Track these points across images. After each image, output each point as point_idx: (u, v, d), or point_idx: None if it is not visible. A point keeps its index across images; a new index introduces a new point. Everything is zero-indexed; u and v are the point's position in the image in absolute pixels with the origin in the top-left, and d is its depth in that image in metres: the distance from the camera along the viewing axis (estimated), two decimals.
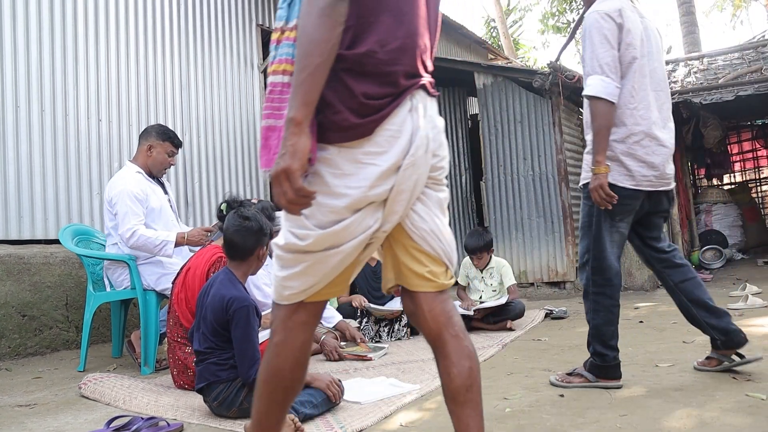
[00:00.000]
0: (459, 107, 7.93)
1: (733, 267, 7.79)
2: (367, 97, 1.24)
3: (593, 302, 2.52)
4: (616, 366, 2.49)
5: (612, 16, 2.44)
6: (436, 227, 1.37)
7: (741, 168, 11.42)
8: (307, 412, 2.24)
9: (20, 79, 4.31)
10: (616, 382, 2.48)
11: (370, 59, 1.23)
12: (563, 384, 2.54)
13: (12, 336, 3.77)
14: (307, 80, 1.18)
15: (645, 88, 2.49)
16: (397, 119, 1.26)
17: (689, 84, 7.31)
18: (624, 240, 2.57)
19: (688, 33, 14.20)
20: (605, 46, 2.41)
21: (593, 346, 2.52)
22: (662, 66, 2.61)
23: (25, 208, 4.26)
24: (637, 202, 2.50)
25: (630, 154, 2.45)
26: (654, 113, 2.50)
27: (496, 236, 6.73)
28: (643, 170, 2.45)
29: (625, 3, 2.51)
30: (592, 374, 2.51)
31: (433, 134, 1.34)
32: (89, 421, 2.43)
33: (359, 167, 1.25)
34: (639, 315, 4.46)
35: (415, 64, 1.30)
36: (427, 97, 1.34)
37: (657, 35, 2.63)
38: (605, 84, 2.39)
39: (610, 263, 2.48)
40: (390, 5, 1.26)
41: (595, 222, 2.49)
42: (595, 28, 2.44)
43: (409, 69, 1.28)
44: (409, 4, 1.29)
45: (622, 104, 2.47)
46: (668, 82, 2.65)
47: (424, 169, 1.32)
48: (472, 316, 4.25)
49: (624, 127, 2.46)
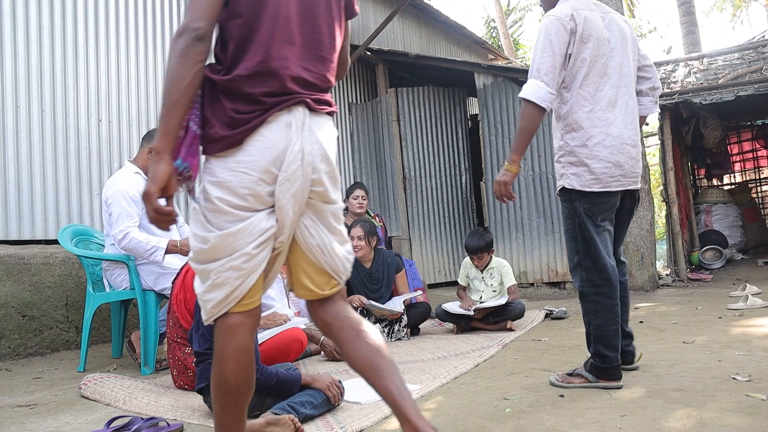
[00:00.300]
0: (459, 107, 7.94)
1: (733, 267, 7.79)
2: (237, 112, 1.40)
3: (594, 303, 2.51)
4: (617, 367, 2.48)
5: (563, 23, 2.44)
6: (322, 241, 1.49)
7: (741, 168, 11.42)
8: (307, 413, 2.23)
9: (20, 80, 4.32)
10: (617, 383, 2.47)
11: (237, 83, 1.41)
12: (563, 384, 2.54)
13: (12, 336, 3.77)
14: (167, 114, 1.34)
15: (604, 88, 2.49)
16: (269, 132, 1.40)
17: (689, 84, 7.31)
18: (611, 235, 2.58)
19: (688, 33, 14.20)
20: (547, 51, 2.43)
21: (595, 347, 2.50)
22: (629, 61, 2.57)
23: (25, 208, 4.27)
24: (614, 198, 2.51)
25: (594, 156, 2.45)
26: (615, 112, 2.49)
27: (497, 236, 6.73)
28: (610, 170, 2.45)
29: (581, 4, 2.51)
30: (593, 375, 2.49)
31: (313, 149, 1.45)
32: (89, 421, 2.43)
33: (233, 175, 1.39)
34: (639, 315, 4.46)
35: (284, 85, 1.43)
36: (310, 114, 1.46)
37: (624, 30, 2.59)
38: (537, 88, 2.41)
39: (605, 262, 2.48)
40: (260, 40, 1.43)
41: (579, 225, 2.50)
42: (543, 32, 2.47)
43: (276, 89, 1.42)
44: (278, 38, 1.44)
45: (578, 108, 2.48)
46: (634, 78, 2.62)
47: (303, 182, 1.42)
48: (472, 316, 4.26)
49: (582, 131, 2.47)
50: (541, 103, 2.40)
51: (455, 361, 3.20)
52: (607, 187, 2.47)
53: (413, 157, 7.53)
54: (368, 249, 4.24)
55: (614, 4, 6.71)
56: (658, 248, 7.27)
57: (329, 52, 1.54)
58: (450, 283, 7.38)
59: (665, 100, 7.04)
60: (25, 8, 4.38)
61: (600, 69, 2.48)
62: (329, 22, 1.54)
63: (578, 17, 2.46)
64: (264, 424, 2.03)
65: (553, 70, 2.42)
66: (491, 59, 11.84)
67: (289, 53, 1.46)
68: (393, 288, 4.36)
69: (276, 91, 1.43)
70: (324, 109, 1.51)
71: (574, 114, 2.49)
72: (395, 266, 4.37)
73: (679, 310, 4.61)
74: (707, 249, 8.15)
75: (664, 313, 4.49)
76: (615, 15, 2.61)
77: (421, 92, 7.66)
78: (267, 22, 1.44)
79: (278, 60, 1.44)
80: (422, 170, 7.56)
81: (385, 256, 4.38)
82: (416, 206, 7.46)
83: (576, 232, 2.52)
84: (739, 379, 2.44)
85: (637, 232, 6.31)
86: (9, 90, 4.25)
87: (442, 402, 2.43)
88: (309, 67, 1.49)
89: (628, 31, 2.62)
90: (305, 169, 1.42)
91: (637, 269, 6.25)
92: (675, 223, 7.08)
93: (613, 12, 2.62)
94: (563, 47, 2.44)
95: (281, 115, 1.42)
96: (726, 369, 2.62)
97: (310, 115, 1.46)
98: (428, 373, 2.92)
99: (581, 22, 2.45)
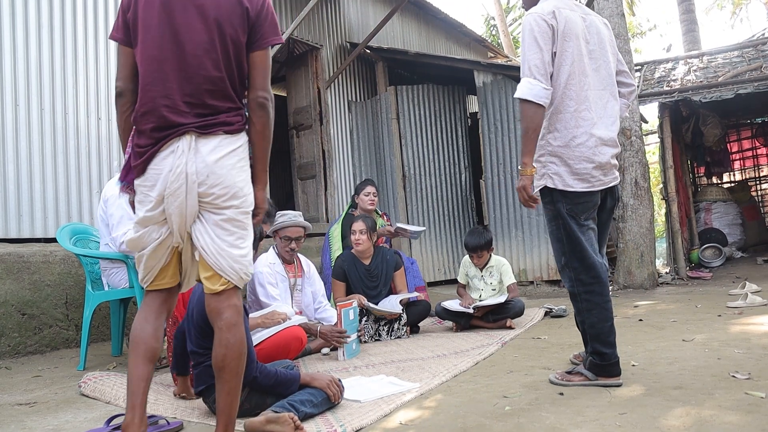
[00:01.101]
0: (459, 105, 7.93)
1: (732, 265, 7.79)
2: (139, 147, 1.80)
3: (585, 302, 2.51)
4: (615, 363, 2.49)
5: (545, 19, 2.44)
6: (209, 244, 1.78)
7: (741, 166, 11.42)
8: (307, 411, 2.24)
9: (19, 78, 4.31)
10: (616, 380, 2.48)
11: (136, 122, 1.82)
12: (563, 382, 2.54)
13: (12, 335, 3.77)
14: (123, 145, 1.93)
15: (586, 88, 2.49)
16: (159, 160, 1.77)
17: (689, 82, 7.31)
18: (596, 234, 2.59)
19: (687, 31, 14.20)
20: (534, 48, 2.42)
21: (592, 345, 2.51)
22: (609, 62, 2.58)
23: (24, 206, 4.26)
24: (595, 197, 2.53)
25: (577, 156, 2.46)
26: (596, 112, 2.50)
27: (496, 235, 6.73)
28: (592, 170, 2.47)
29: (562, 3, 2.51)
30: (592, 372, 2.50)
31: (199, 168, 1.74)
32: (89, 419, 2.44)
33: (143, 196, 1.82)
34: (638, 313, 4.46)
35: (166, 119, 1.76)
36: (198, 138, 1.76)
37: (604, 31, 2.61)
38: (531, 86, 2.40)
39: (593, 260, 2.48)
40: (144, 82, 1.80)
41: (563, 225, 2.51)
42: (527, 30, 2.46)
43: (160, 124, 1.77)
44: (156, 80, 1.78)
45: (562, 108, 2.48)
46: (615, 79, 2.63)
47: (186, 197, 1.74)
48: (472, 314, 4.26)
49: (565, 131, 2.48)
50: (539, 100, 2.39)
51: (455, 359, 3.21)
52: (592, 187, 2.48)
53: (413, 156, 7.53)
54: (369, 244, 4.24)
55: (613, 3, 6.71)
56: (657, 246, 7.27)
57: (216, 83, 1.80)
58: (450, 282, 7.38)
59: (665, 98, 7.04)
60: (25, 6, 4.37)
61: (582, 69, 2.49)
62: (215, 57, 1.80)
63: (559, 15, 2.46)
64: (264, 422, 2.05)
65: (543, 65, 2.41)
66: (491, 57, 11.82)
67: (167, 91, 1.77)
68: (391, 285, 4.36)
69: (160, 125, 1.76)
70: (216, 131, 1.77)
71: (558, 113, 2.49)
72: (394, 264, 4.37)
73: (678, 308, 4.61)
74: (707, 247, 8.15)
75: (664, 311, 4.49)
76: (595, 17, 2.62)
77: (421, 90, 7.65)
78: (144, 65, 1.79)
79: (158, 99, 1.77)
80: (422, 168, 7.56)
81: (385, 254, 4.38)
82: (416, 204, 7.46)
83: (561, 234, 2.53)
84: (738, 377, 2.45)
85: (637, 230, 6.31)
86: (8, 88, 4.24)
87: (442, 400, 2.44)
88: (193, 100, 1.78)
89: (607, 34, 2.63)
90: (190, 185, 1.73)
91: (637, 267, 6.24)
92: (674, 221, 7.08)
93: (594, 14, 2.63)
94: (549, 43, 2.44)
95: (170, 144, 1.75)
96: (725, 367, 2.62)
97: (198, 140, 1.76)
98: (428, 371, 2.93)
99: (563, 20, 2.45)
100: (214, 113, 1.79)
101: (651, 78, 7.99)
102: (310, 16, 7.12)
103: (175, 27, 1.79)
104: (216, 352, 1.80)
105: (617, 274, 6.45)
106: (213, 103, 1.80)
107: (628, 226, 6.36)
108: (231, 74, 1.83)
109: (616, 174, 2.58)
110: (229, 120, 1.81)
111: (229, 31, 1.82)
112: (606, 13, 6.74)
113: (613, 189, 2.61)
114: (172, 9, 1.79)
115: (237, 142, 1.82)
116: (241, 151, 1.82)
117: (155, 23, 1.79)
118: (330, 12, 7.69)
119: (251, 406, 2.28)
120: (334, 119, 7.52)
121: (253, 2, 1.85)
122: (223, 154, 1.78)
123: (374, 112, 7.72)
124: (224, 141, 1.79)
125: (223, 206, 1.78)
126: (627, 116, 6.47)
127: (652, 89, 7.37)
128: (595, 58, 2.54)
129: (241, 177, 1.81)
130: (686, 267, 7.08)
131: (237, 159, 1.80)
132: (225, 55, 1.82)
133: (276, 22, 1.91)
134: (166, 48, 1.79)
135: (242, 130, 1.84)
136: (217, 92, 1.81)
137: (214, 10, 1.80)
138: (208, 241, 1.78)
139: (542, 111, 2.43)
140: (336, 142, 7.52)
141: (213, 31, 1.80)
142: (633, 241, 6.30)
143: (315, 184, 7.26)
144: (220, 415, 1.81)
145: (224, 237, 1.78)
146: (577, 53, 2.47)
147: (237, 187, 1.78)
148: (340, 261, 4.29)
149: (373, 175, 7.69)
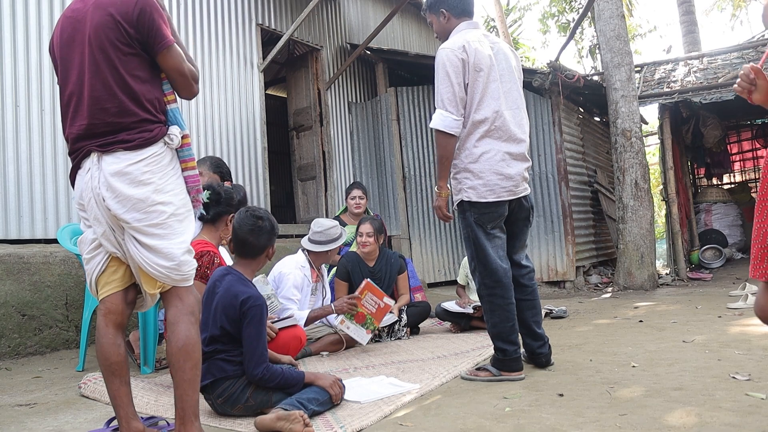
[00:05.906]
0: None
1: (732, 266, 7.80)
2: (72, 162, 2.00)
3: (488, 303, 2.74)
4: (516, 359, 2.70)
5: (456, 54, 2.70)
6: (131, 252, 1.91)
7: (741, 167, 11.43)
8: (314, 409, 2.26)
9: (20, 79, 4.31)
10: (519, 374, 2.68)
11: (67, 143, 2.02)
12: (471, 378, 2.74)
13: (12, 335, 3.77)
14: None
15: (498, 109, 2.74)
16: (78, 176, 1.97)
17: (689, 83, 7.31)
18: (504, 242, 2.81)
19: (687, 32, 14.20)
20: (445, 82, 2.69)
21: (494, 343, 2.75)
22: (516, 86, 2.85)
23: (24, 207, 4.26)
24: (502, 209, 2.77)
25: (488, 169, 2.72)
26: (506, 132, 2.75)
27: None
28: (502, 182, 2.73)
29: (471, 36, 2.76)
30: (496, 368, 2.71)
31: (99, 183, 1.88)
32: (89, 420, 2.44)
33: (77, 204, 2.02)
34: (638, 314, 4.46)
35: (74, 143, 1.94)
36: (101, 155, 1.89)
37: (510, 59, 2.87)
38: (443, 117, 2.69)
39: (496, 265, 2.71)
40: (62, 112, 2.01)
41: (473, 233, 2.76)
42: (440, 65, 2.73)
43: (73, 148, 1.96)
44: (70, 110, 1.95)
45: (473, 129, 2.73)
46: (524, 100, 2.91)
47: (98, 208, 1.89)
48: (471, 315, 4.26)
49: (476, 149, 2.73)
50: (450, 131, 2.69)
51: (455, 360, 3.21)
52: (501, 197, 2.74)
53: (413, 157, 7.53)
54: (375, 246, 4.24)
55: (613, 4, 6.72)
56: (657, 247, 7.27)
57: (115, 103, 1.90)
58: (450, 283, 7.37)
59: (665, 99, 7.05)
60: (25, 7, 4.38)
61: (493, 93, 2.74)
62: (102, 77, 1.90)
63: (469, 48, 2.70)
64: (275, 419, 2.09)
65: (454, 98, 2.69)
66: None
67: (73, 119, 1.94)
68: (394, 289, 4.36)
69: (73, 148, 1.97)
70: (116, 148, 1.88)
71: (470, 135, 2.73)
72: (398, 267, 4.36)
73: (678, 310, 4.61)
74: (707, 248, 8.16)
75: (664, 313, 4.49)
76: (503, 45, 2.89)
77: (421, 91, 7.65)
78: (63, 98, 1.99)
79: (69, 127, 1.96)
80: (422, 169, 7.56)
81: (389, 256, 4.38)
82: (416, 205, 7.46)
83: (470, 241, 2.78)
84: (738, 378, 2.45)
85: (637, 231, 6.31)
86: (9, 89, 4.24)
87: (442, 401, 2.43)
88: (95, 121, 1.90)
89: (515, 61, 2.90)
90: (97, 198, 1.89)
91: (637, 268, 6.24)
92: (675, 223, 7.08)
93: (502, 42, 2.91)
94: (460, 76, 2.69)
95: (84, 163, 1.93)
96: (725, 368, 2.62)
97: (101, 156, 1.89)
98: (428, 372, 2.92)
99: (472, 53, 2.70)
100: (115, 131, 1.90)
101: (651, 79, 8.00)
102: (311, 17, 7.12)
103: (71, 58, 1.96)
104: (168, 347, 1.95)
105: (617, 275, 6.44)
106: (113, 122, 1.90)
107: (628, 227, 6.36)
108: (126, 89, 1.91)
109: (526, 186, 2.84)
110: (129, 138, 1.89)
111: (107, 46, 1.89)
112: (606, 14, 6.75)
113: (521, 200, 2.83)
114: (70, 42, 1.96)
115: (139, 156, 1.90)
116: (143, 165, 1.89)
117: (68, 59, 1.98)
118: (330, 13, 7.70)
119: (256, 403, 2.31)
120: (334, 120, 7.53)
121: (127, 13, 1.88)
122: (118, 169, 1.88)
123: (374, 114, 7.72)
124: (123, 156, 1.89)
125: (124, 219, 1.88)
126: (627, 117, 6.48)
127: (652, 90, 7.37)
128: (504, 81, 2.80)
129: (141, 190, 1.88)
130: (686, 268, 7.08)
131: (140, 172, 1.88)
132: (112, 71, 1.90)
133: (157, 26, 1.92)
134: (73, 80, 1.95)
135: (147, 144, 1.90)
136: (112, 110, 1.90)
137: (90, 29, 1.90)
138: (133, 250, 1.91)
139: (454, 140, 2.72)
140: (336, 143, 7.53)
141: (94, 53, 1.90)
142: (633, 242, 6.30)
143: (315, 185, 7.26)
144: (175, 407, 1.94)
145: (145, 242, 1.89)
146: (487, 80, 2.72)
147: (135, 199, 1.87)
148: (345, 261, 4.29)
149: (373, 176, 7.70)
